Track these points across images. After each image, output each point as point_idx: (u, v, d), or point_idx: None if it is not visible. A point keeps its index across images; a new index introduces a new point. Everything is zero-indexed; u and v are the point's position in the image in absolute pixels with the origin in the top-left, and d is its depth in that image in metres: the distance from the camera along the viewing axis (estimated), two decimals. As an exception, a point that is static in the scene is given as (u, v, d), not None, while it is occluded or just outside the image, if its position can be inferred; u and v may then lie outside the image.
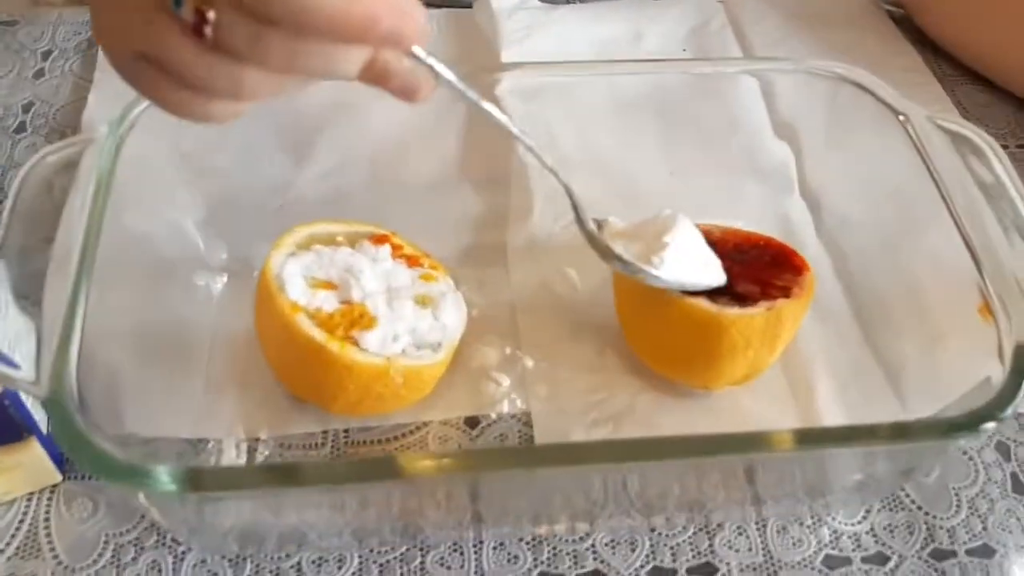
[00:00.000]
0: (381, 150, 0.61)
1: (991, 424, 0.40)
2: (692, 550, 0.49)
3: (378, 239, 0.54)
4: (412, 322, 0.50)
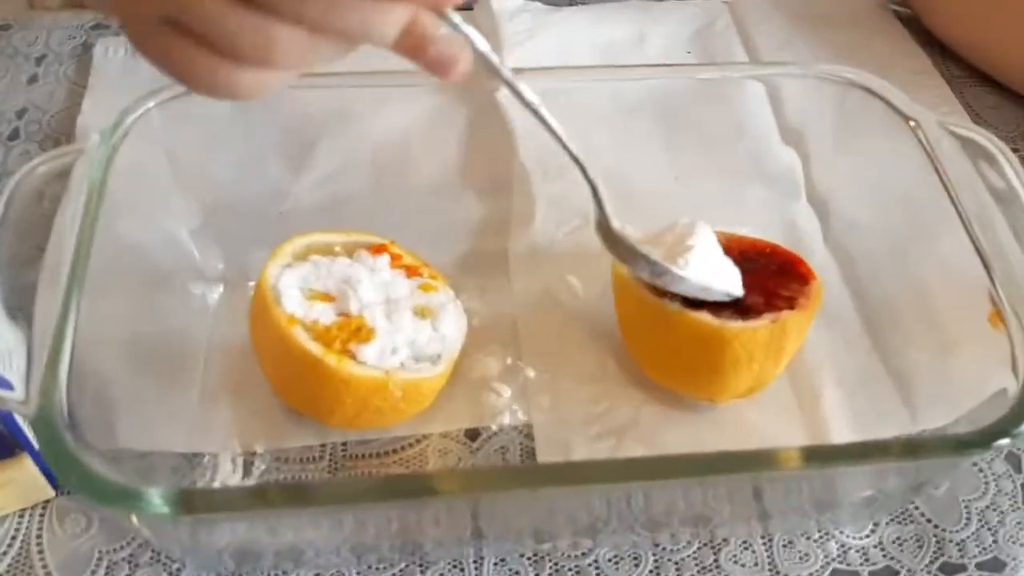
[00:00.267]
0: (381, 155, 0.60)
1: (1006, 441, 0.39)
2: (697, 565, 0.48)
3: (377, 248, 0.53)
4: (411, 334, 0.49)
